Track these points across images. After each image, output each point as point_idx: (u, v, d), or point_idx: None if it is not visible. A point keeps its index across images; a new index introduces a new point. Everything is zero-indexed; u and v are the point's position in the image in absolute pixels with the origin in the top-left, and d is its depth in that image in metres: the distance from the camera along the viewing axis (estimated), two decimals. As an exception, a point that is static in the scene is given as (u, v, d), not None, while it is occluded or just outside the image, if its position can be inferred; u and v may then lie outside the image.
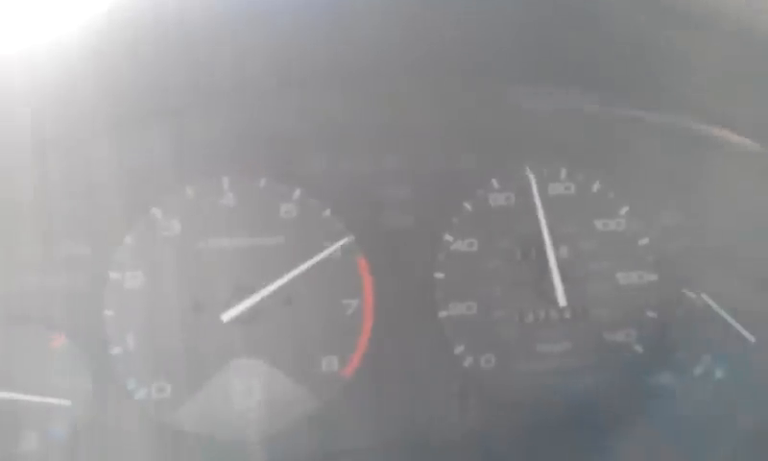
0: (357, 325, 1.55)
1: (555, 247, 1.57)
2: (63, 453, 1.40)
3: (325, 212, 1.54)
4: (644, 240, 1.65)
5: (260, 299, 1.45)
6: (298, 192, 1.53)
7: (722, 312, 1.60)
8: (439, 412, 1.57)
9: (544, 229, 1.57)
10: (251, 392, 1.49)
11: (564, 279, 1.57)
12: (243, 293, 1.45)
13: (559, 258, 1.57)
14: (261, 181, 1.52)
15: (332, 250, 1.52)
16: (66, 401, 1.39)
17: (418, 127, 1.55)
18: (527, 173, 1.61)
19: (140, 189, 1.45)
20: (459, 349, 1.59)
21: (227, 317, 1.44)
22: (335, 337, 1.54)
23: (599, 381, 1.62)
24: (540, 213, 1.57)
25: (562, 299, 1.56)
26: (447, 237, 1.59)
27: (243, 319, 1.46)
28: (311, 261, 1.49)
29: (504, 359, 1.60)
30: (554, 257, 1.56)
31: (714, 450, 1.47)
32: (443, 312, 1.58)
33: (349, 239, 1.54)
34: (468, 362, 1.59)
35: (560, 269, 1.56)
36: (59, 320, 1.41)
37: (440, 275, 1.58)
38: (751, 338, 1.58)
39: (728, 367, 1.61)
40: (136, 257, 1.45)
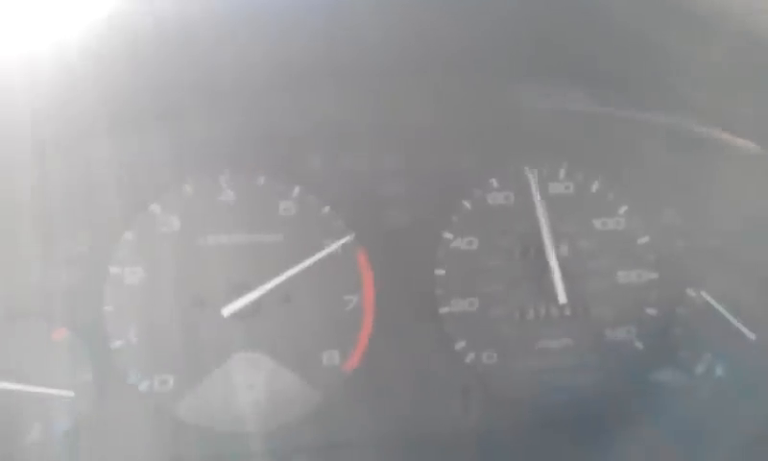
0: (358, 320, 1.56)
1: (555, 245, 1.57)
2: (66, 445, 1.42)
3: (325, 209, 1.55)
4: (644, 239, 1.66)
5: (259, 295, 1.46)
6: (297, 189, 1.54)
7: (722, 310, 1.60)
8: (440, 407, 1.58)
9: (544, 227, 1.57)
10: (252, 386, 1.50)
11: (565, 277, 1.57)
12: (242, 290, 1.46)
13: (559, 256, 1.57)
14: (260, 179, 1.53)
15: (333, 248, 1.52)
16: (69, 393, 1.41)
17: (417, 125, 1.56)
18: (526, 172, 1.62)
19: (140, 186, 1.46)
20: (460, 345, 1.59)
21: (227, 312, 1.45)
22: (336, 332, 1.55)
23: (600, 378, 1.63)
24: (540, 212, 1.58)
25: (562, 296, 1.56)
26: (447, 235, 1.60)
27: (244, 314, 1.47)
28: (311, 259, 1.50)
29: (505, 356, 1.61)
30: (554, 255, 1.57)
31: (714, 448, 1.46)
32: (443, 308, 1.59)
33: (349, 237, 1.55)
34: (470, 358, 1.60)
35: (560, 267, 1.57)
36: (60, 315, 1.42)
37: (440, 271, 1.59)
38: (751, 336, 1.57)
39: (728, 365, 1.61)
40: (136, 253, 1.46)
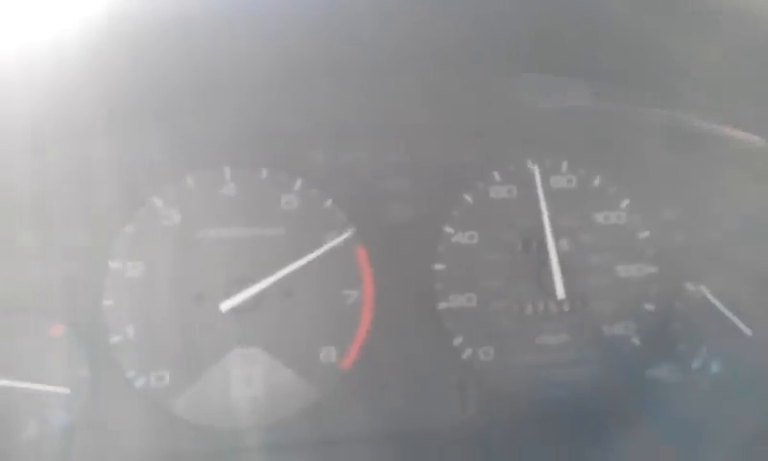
0: (356, 316, 1.55)
1: (555, 239, 1.57)
2: (63, 441, 1.40)
3: (326, 203, 1.54)
4: (644, 233, 1.66)
5: (260, 289, 1.45)
6: (299, 183, 1.53)
7: (720, 306, 1.61)
8: (437, 403, 1.57)
9: (546, 221, 1.57)
10: (249, 382, 1.49)
11: (564, 272, 1.56)
12: (243, 283, 1.45)
13: (559, 251, 1.57)
14: (262, 172, 1.51)
15: (336, 242, 1.51)
16: (65, 389, 1.39)
17: (419, 119, 1.55)
18: (529, 165, 1.61)
19: (141, 179, 1.44)
20: (458, 340, 1.59)
21: (226, 307, 1.44)
22: (334, 328, 1.54)
23: (597, 374, 1.63)
24: (543, 206, 1.57)
25: (560, 291, 1.56)
26: (448, 229, 1.59)
27: (243, 309, 1.46)
28: (313, 254, 1.48)
29: (503, 351, 1.60)
30: (554, 250, 1.56)
31: (711, 444, 1.47)
32: (442, 304, 1.58)
33: (350, 231, 1.54)
34: (467, 354, 1.59)
35: (560, 261, 1.56)
36: (58, 309, 1.40)
37: (440, 266, 1.58)
38: (748, 332, 1.58)
39: (725, 360, 1.62)
40: (137, 247, 1.44)
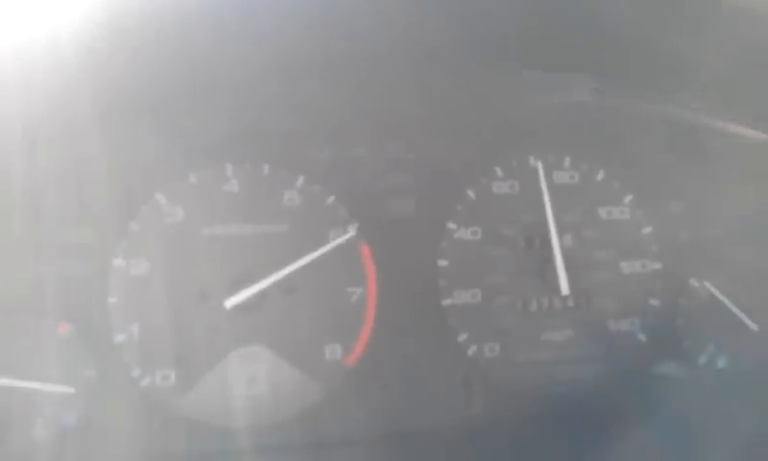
0: (361, 313, 1.54)
1: (559, 235, 1.57)
2: (69, 439, 1.39)
3: (329, 199, 1.54)
4: (648, 229, 1.65)
5: (264, 286, 1.45)
6: (301, 180, 1.53)
7: (725, 301, 1.60)
8: (441, 400, 1.57)
9: (550, 216, 1.56)
10: (254, 380, 1.49)
11: (568, 268, 1.56)
12: (247, 280, 1.45)
13: (563, 246, 1.57)
14: (264, 169, 1.51)
15: (341, 241, 1.51)
16: (70, 389, 1.39)
17: (421, 115, 1.54)
18: (533, 161, 1.61)
19: (144, 176, 1.44)
20: (462, 337, 1.58)
21: (230, 304, 1.43)
22: (338, 325, 1.53)
23: (602, 370, 1.63)
24: (547, 201, 1.57)
25: (564, 287, 1.55)
26: (451, 225, 1.59)
27: (247, 306, 1.46)
28: (318, 252, 1.48)
29: (508, 348, 1.60)
30: (558, 246, 1.56)
31: (717, 439, 1.47)
32: (446, 300, 1.58)
33: (354, 228, 1.54)
34: (472, 350, 1.59)
35: (563, 257, 1.56)
36: (63, 308, 1.40)
37: (443, 262, 1.58)
38: (753, 327, 1.58)
39: (730, 356, 1.62)
40: (140, 244, 1.45)
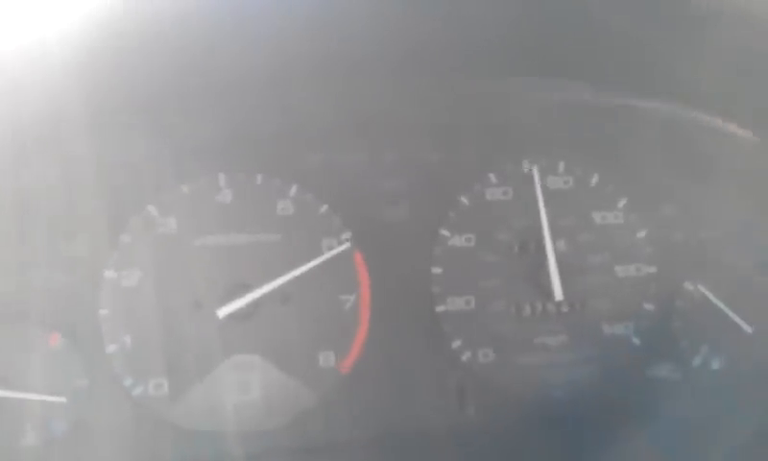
0: (354, 320, 1.54)
1: (553, 240, 1.56)
2: (61, 450, 1.39)
3: (322, 208, 1.54)
4: (642, 233, 1.65)
5: (257, 296, 1.45)
6: (294, 188, 1.53)
7: (720, 303, 1.60)
8: (437, 407, 1.56)
9: (545, 222, 1.56)
10: (248, 388, 1.48)
11: (562, 273, 1.56)
12: (240, 290, 1.45)
13: (557, 252, 1.56)
14: (257, 178, 1.51)
15: (336, 252, 1.51)
16: (62, 399, 1.38)
17: (413, 121, 1.54)
18: (527, 166, 1.61)
19: (136, 187, 1.44)
20: (457, 343, 1.58)
21: (222, 313, 1.43)
22: (332, 332, 1.53)
23: (597, 374, 1.62)
24: (541, 206, 1.57)
25: (558, 292, 1.55)
26: (444, 232, 1.58)
27: (240, 315, 1.45)
28: (313, 262, 1.48)
29: (502, 353, 1.59)
30: (552, 251, 1.56)
31: (712, 442, 1.47)
32: (440, 307, 1.57)
33: (347, 235, 1.54)
34: (466, 357, 1.58)
35: (557, 262, 1.56)
36: (54, 319, 1.40)
37: (437, 269, 1.58)
38: (748, 329, 1.57)
39: (725, 358, 1.61)
40: (132, 255, 1.44)
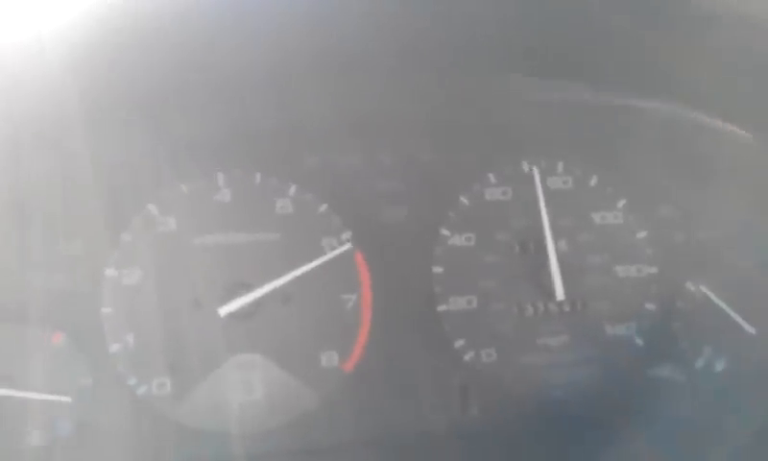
0: (356, 319, 1.54)
1: (553, 240, 1.56)
2: (65, 450, 1.40)
3: (322, 208, 1.55)
4: (642, 233, 1.65)
5: (258, 295, 1.45)
6: (293, 188, 1.53)
7: (722, 304, 1.59)
8: (439, 406, 1.56)
9: (545, 222, 1.56)
10: (251, 387, 1.49)
11: (563, 273, 1.56)
12: (240, 289, 1.45)
13: (558, 252, 1.57)
14: (256, 177, 1.52)
15: (337, 252, 1.51)
16: (66, 398, 1.39)
17: (413, 121, 1.55)
18: (527, 166, 1.62)
19: (135, 186, 1.44)
20: (459, 343, 1.58)
21: (224, 312, 1.44)
22: (334, 332, 1.53)
23: (599, 374, 1.62)
24: (542, 206, 1.57)
25: (559, 292, 1.55)
26: (444, 232, 1.59)
27: (242, 314, 1.46)
28: (313, 263, 1.48)
29: (504, 353, 1.59)
30: (554, 251, 1.56)
31: (715, 443, 1.46)
32: (442, 307, 1.58)
33: (347, 235, 1.55)
34: (469, 356, 1.58)
35: (558, 262, 1.56)
36: (57, 318, 1.41)
37: (438, 269, 1.58)
38: (751, 330, 1.57)
39: (728, 359, 1.60)
40: (133, 254, 1.45)
